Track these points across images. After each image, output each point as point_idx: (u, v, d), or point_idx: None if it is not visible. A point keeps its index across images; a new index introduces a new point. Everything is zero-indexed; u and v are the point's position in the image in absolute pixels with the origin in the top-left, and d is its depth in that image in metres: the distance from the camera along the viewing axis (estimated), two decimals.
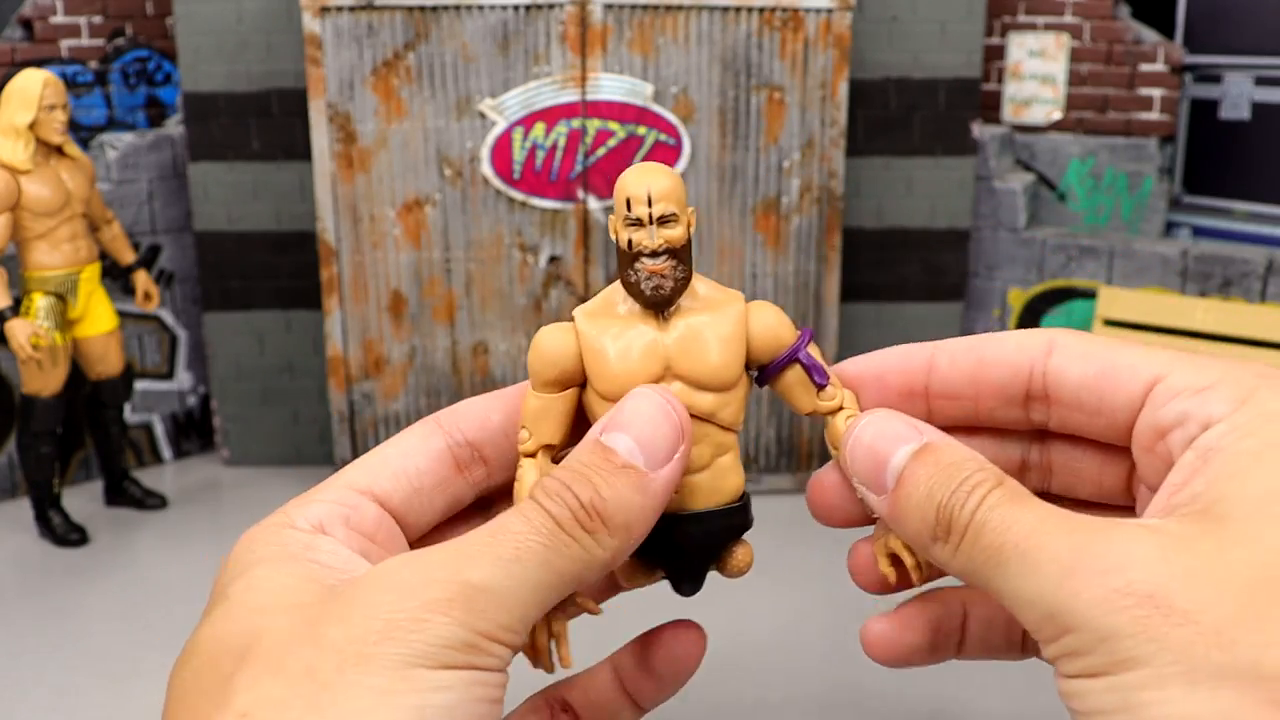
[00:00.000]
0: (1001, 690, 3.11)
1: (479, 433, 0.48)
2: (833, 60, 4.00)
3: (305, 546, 0.42)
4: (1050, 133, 4.79)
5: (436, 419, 0.48)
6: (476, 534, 0.40)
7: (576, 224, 4.10)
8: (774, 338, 0.48)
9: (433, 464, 0.47)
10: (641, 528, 0.42)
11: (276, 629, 0.38)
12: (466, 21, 3.93)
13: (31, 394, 3.75)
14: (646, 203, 0.46)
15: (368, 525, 0.44)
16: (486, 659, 0.38)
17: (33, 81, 3.58)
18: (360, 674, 0.36)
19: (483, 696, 0.37)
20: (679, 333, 0.46)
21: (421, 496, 0.47)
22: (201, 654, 0.39)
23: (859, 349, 2.77)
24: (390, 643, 0.36)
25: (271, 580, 0.40)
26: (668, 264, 0.46)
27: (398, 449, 0.47)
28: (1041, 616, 0.37)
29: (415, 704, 0.36)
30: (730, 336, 0.47)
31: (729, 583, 0.55)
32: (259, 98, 4.29)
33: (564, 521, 0.40)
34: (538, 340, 0.47)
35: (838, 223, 4.16)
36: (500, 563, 0.39)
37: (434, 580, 0.38)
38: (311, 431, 4.58)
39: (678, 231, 0.46)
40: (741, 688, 3.12)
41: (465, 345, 4.21)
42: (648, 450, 0.42)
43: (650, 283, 0.46)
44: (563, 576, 0.40)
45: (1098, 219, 4.81)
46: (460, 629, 0.37)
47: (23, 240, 3.65)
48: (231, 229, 4.41)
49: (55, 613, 3.49)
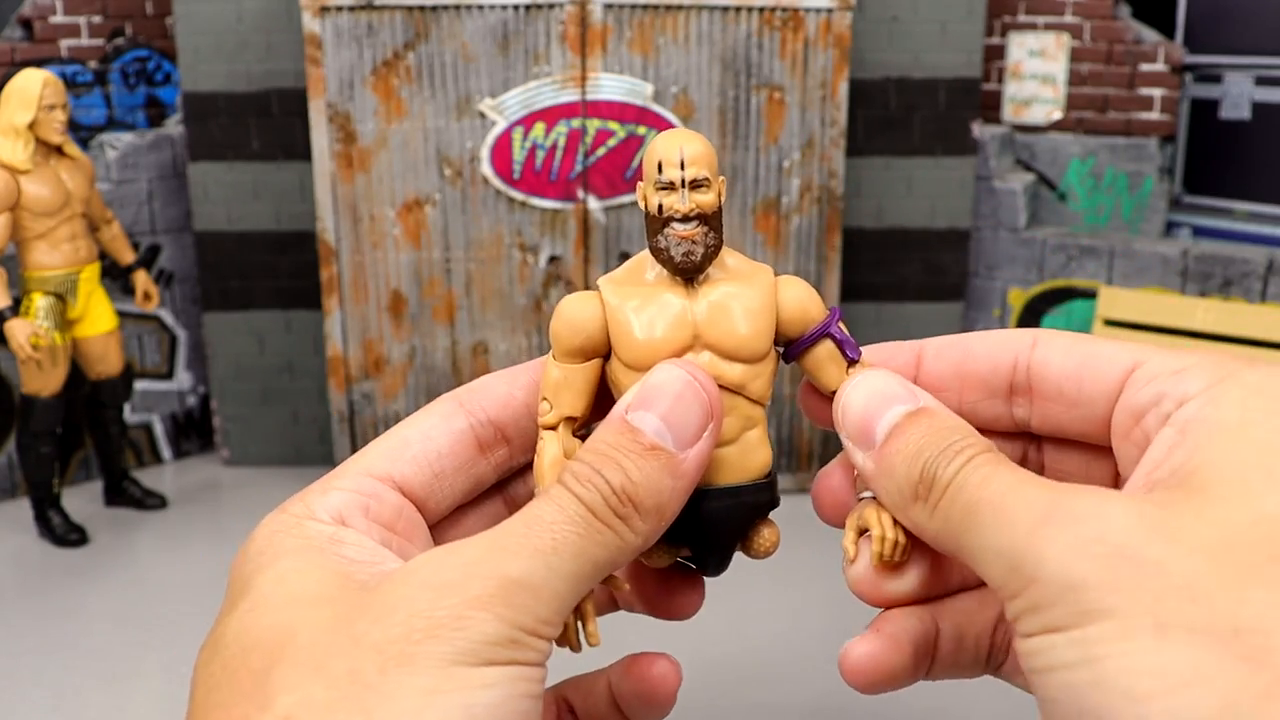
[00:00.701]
0: (1001, 690, 3.11)
1: (502, 412, 0.47)
2: (833, 60, 4.00)
3: (330, 540, 0.41)
4: (1050, 133, 4.79)
5: (457, 397, 0.47)
6: (510, 525, 0.39)
7: (576, 224, 4.10)
8: (803, 312, 0.47)
9: (455, 445, 0.46)
10: (673, 509, 0.41)
11: (311, 626, 0.37)
12: (466, 21, 3.92)
13: (31, 394, 3.75)
14: (679, 165, 0.44)
15: (387, 514, 0.44)
16: (528, 654, 0.37)
17: (32, 81, 3.58)
18: (405, 674, 0.35)
19: (526, 692, 0.37)
20: (708, 301, 0.45)
21: (443, 480, 0.46)
22: (230, 647, 0.38)
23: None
24: (433, 641, 0.36)
25: (300, 574, 0.39)
26: (699, 230, 0.45)
27: (418, 430, 0.46)
28: (1008, 569, 0.36)
29: (463, 702, 0.35)
30: (761, 308, 0.45)
31: (728, 582, 0.55)
32: (259, 97, 4.29)
33: (597, 509, 0.39)
34: (562, 308, 0.46)
35: (838, 223, 4.15)
36: (538, 555, 0.38)
37: (474, 576, 0.37)
38: (311, 431, 4.57)
39: (709, 197, 0.45)
40: (742, 688, 3.11)
41: (465, 345, 4.21)
42: (676, 429, 0.41)
43: (681, 248, 0.45)
44: (598, 565, 0.40)
45: (1098, 219, 4.81)
46: (503, 625, 0.37)
47: (22, 240, 3.65)
48: (231, 229, 4.41)
49: (55, 613, 3.48)
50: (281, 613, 0.38)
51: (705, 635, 3.34)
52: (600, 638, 0.43)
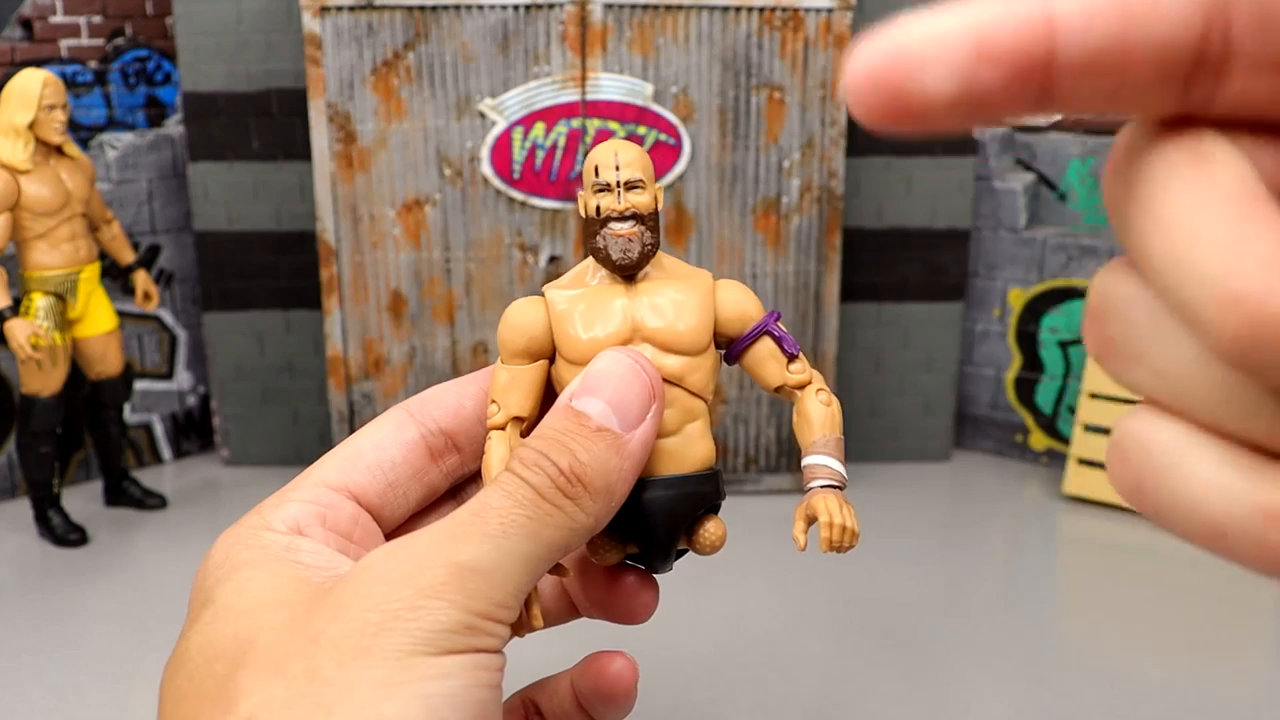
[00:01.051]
0: (1003, 689, 3.11)
1: (453, 420, 0.47)
2: (833, 60, 4.00)
3: (287, 548, 0.41)
4: (1051, 132, 4.79)
5: (407, 408, 0.47)
6: (459, 514, 0.39)
7: (576, 224, 4.10)
8: (742, 312, 0.48)
9: (407, 454, 0.46)
10: (622, 489, 0.42)
11: (270, 630, 0.37)
12: (466, 21, 3.92)
13: (31, 394, 3.75)
14: (614, 168, 0.47)
15: (344, 523, 0.44)
16: (486, 639, 0.37)
17: (32, 81, 3.58)
18: (362, 667, 0.35)
19: (484, 681, 0.37)
20: (648, 298, 0.47)
21: (396, 489, 0.46)
22: (194, 659, 0.38)
23: (859, 349, 2.82)
24: (389, 634, 0.36)
25: (259, 582, 0.40)
26: (635, 229, 0.47)
27: (371, 441, 0.46)
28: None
29: (420, 693, 0.35)
30: (698, 304, 0.47)
31: (728, 582, 0.55)
32: (259, 98, 4.29)
33: (545, 491, 0.40)
34: (507, 313, 0.47)
35: (838, 223, 4.15)
36: (489, 540, 0.38)
37: (425, 566, 0.37)
38: (311, 431, 4.58)
39: (644, 198, 0.47)
40: (740, 687, 3.11)
41: (465, 345, 4.21)
42: (621, 411, 0.42)
43: (618, 246, 0.46)
44: (550, 547, 0.40)
45: (1098, 219, 4.81)
46: (458, 612, 0.37)
47: (22, 240, 3.65)
48: (231, 229, 4.41)
49: (55, 613, 3.48)
50: (242, 621, 0.38)
51: (707, 636, 3.34)
52: (541, 621, 0.44)
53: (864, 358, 4.59)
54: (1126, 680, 3.16)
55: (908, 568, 3.78)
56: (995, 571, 3.88)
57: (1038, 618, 3.54)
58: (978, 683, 3.16)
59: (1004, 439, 4.77)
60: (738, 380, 4.23)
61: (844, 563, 3.75)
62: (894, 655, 3.28)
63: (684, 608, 3.48)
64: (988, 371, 4.75)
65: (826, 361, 4.26)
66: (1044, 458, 4.68)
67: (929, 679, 3.16)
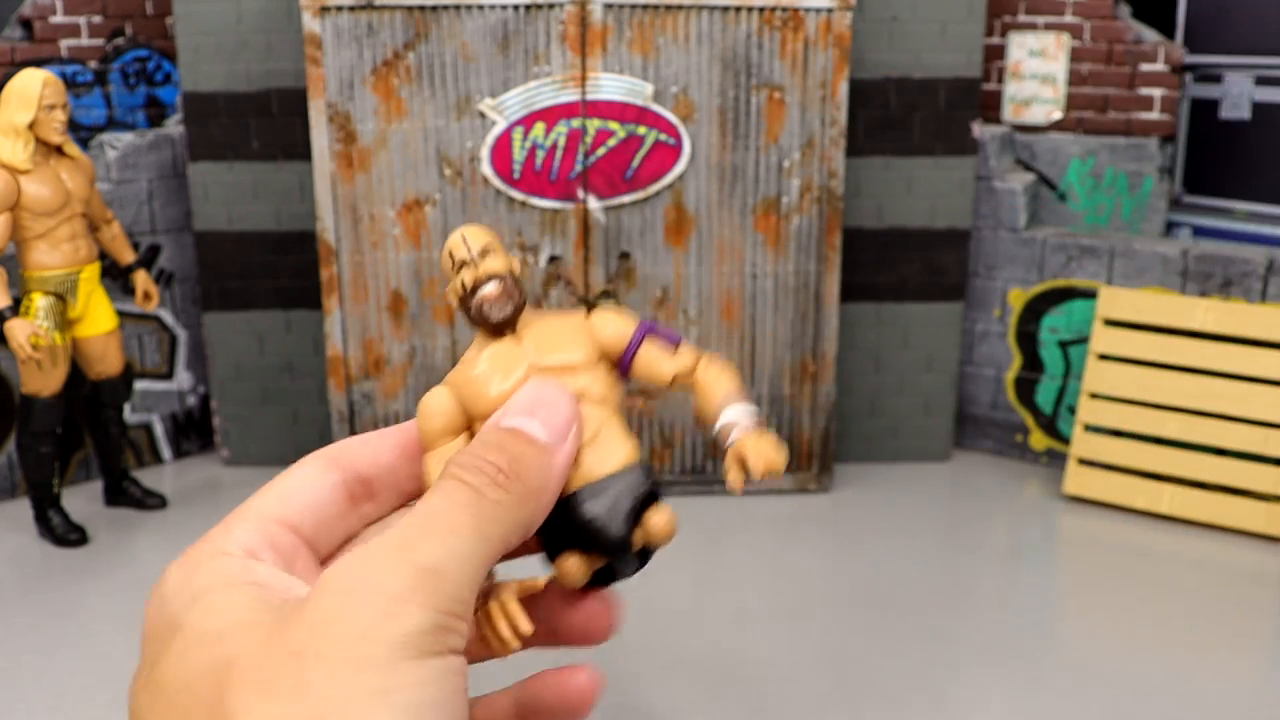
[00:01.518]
0: (1003, 687, 3.11)
1: (370, 467, 0.50)
2: (833, 60, 4.00)
3: (244, 570, 0.42)
4: (1050, 132, 4.79)
5: (327, 454, 0.49)
6: (407, 521, 0.41)
7: (576, 224, 4.10)
8: (619, 330, 0.53)
9: (333, 495, 0.48)
10: (553, 490, 0.45)
11: (248, 651, 0.37)
12: (466, 21, 3.92)
13: (31, 394, 3.75)
14: (465, 247, 0.53)
15: (286, 552, 0.45)
16: (455, 639, 0.38)
17: (32, 81, 3.58)
18: (353, 679, 0.36)
19: (459, 687, 0.38)
20: (532, 339, 0.52)
21: (327, 526, 0.47)
22: (172, 685, 0.38)
23: (859, 349, 2.81)
24: (370, 643, 0.36)
25: (224, 605, 0.40)
26: (500, 287, 0.52)
27: (298, 482, 0.48)
28: None
29: (412, 700, 0.36)
30: (578, 327, 0.53)
31: (729, 582, 0.56)
32: (259, 97, 4.29)
33: (485, 489, 0.42)
34: (419, 406, 0.52)
35: (838, 223, 4.15)
36: (441, 542, 0.40)
37: (390, 574, 0.38)
38: (311, 431, 4.58)
39: (499, 262, 0.53)
40: (740, 686, 3.11)
41: (465, 345, 4.20)
42: (548, 425, 0.46)
43: (493, 307, 0.52)
44: (494, 542, 0.42)
45: (1098, 219, 4.81)
46: (429, 613, 0.38)
47: (22, 240, 3.65)
48: (231, 229, 4.41)
49: (55, 613, 3.48)
50: (215, 645, 0.38)
51: (707, 636, 3.34)
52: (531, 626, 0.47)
53: (864, 358, 4.59)
54: (1126, 679, 3.16)
55: (908, 567, 3.78)
56: (995, 571, 3.88)
57: (1037, 617, 3.54)
58: (978, 681, 3.16)
59: (1004, 439, 4.77)
60: None
61: (844, 562, 3.75)
62: (894, 654, 3.28)
63: (684, 608, 3.48)
64: (988, 371, 4.75)
65: (826, 361, 4.26)
66: (1044, 458, 4.68)
67: (929, 677, 3.16)
